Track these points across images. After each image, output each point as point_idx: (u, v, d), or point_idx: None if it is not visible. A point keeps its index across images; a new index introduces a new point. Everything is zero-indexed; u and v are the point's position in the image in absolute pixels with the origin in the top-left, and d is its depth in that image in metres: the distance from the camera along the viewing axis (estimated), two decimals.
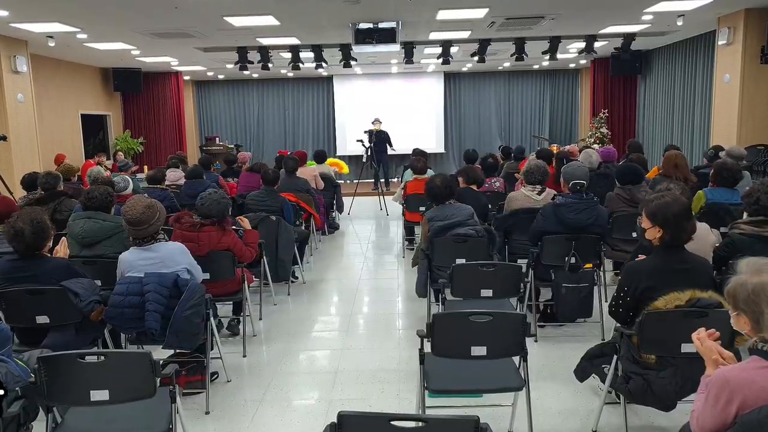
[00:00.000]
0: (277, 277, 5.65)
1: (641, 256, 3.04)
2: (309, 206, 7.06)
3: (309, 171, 8.15)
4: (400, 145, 14.18)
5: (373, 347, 4.55)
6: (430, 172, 7.59)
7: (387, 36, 8.50)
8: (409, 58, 10.44)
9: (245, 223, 5.00)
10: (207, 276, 3.98)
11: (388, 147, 12.70)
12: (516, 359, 2.94)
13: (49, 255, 3.39)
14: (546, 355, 4.27)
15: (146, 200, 3.43)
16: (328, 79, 15.95)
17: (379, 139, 12.35)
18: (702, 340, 2.07)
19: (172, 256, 3.43)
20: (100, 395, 2.44)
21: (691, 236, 2.80)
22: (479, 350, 2.75)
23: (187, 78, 15.19)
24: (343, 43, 9.86)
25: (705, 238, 3.52)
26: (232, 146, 14.33)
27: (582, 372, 3.25)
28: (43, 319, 3.30)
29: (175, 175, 7.74)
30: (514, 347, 2.81)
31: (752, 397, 1.75)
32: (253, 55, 10.36)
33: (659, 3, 7.81)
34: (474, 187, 5.72)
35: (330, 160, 11.68)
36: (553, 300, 4.43)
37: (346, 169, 11.74)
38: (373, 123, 12.75)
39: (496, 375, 2.93)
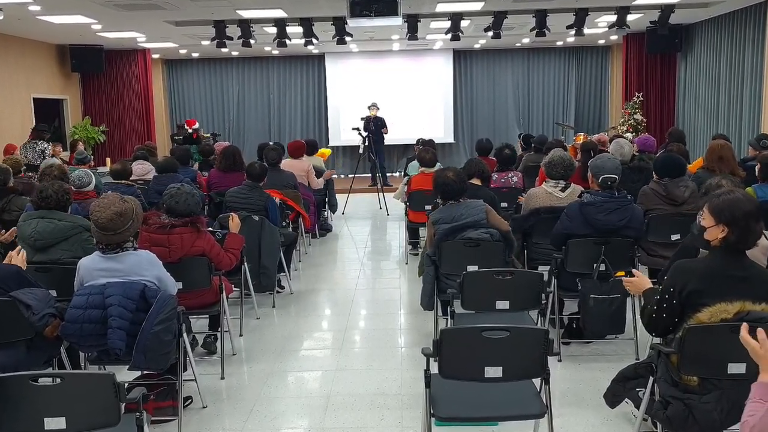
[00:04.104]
0: (260, 287, 5.65)
1: None
2: (297, 204, 7.05)
3: (300, 165, 8.04)
4: (403, 134, 14.17)
5: (371, 368, 4.56)
6: (438, 166, 7.59)
7: (387, 7, 8.48)
8: (412, 33, 10.43)
9: (235, 223, 4.98)
10: (180, 285, 3.98)
11: (384, 135, 12.70)
12: (537, 382, 2.95)
13: None
14: (571, 377, 4.28)
15: (120, 205, 3.33)
16: (320, 58, 15.96)
17: (375, 127, 12.35)
18: (762, 342, 2.03)
19: (138, 270, 3.40)
20: (55, 423, 2.44)
21: (756, 242, 2.82)
22: (494, 371, 2.75)
23: (156, 56, 15.18)
24: (337, 16, 9.85)
25: (758, 242, 3.52)
26: (209, 135, 14.30)
27: (613, 396, 3.25)
28: None
29: (142, 169, 7.75)
30: (535, 368, 2.81)
31: None
32: (233, 30, 10.36)
33: None
34: (477, 182, 5.59)
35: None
36: (580, 313, 4.44)
37: (327, 152, 11.41)
38: (369, 108, 12.76)
39: (513, 400, 2.93)
